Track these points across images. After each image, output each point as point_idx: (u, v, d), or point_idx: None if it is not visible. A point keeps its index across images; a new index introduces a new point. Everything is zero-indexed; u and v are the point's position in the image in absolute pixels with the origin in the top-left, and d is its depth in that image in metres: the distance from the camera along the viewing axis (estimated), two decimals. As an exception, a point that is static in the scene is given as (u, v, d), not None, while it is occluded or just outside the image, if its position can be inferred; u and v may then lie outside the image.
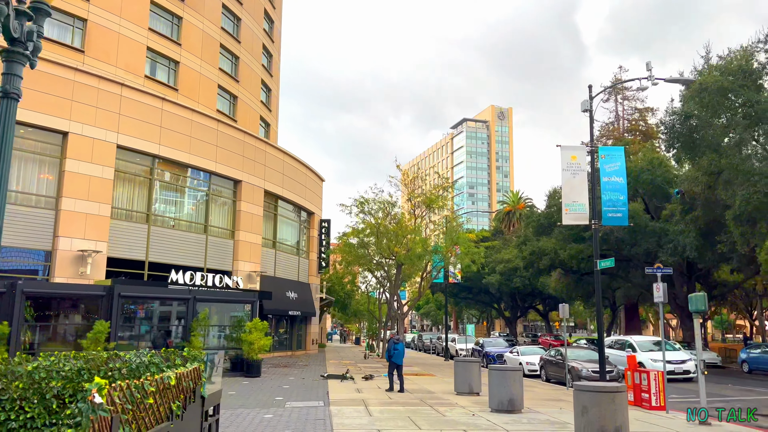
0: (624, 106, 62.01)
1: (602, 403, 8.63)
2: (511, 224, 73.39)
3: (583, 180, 17.94)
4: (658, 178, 36.04)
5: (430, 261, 30.82)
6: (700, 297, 12.19)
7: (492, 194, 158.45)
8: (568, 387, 19.69)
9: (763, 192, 24.10)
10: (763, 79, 27.49)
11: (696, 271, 36.67)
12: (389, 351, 17.77)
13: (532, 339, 63.02)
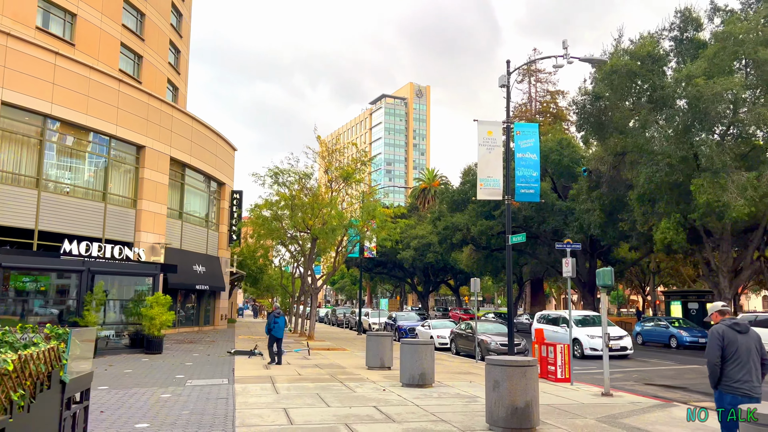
0: (537, 88, 63.84)
1: (514, 377, 8.52)
2: (426, 201, 74.34)
3: (499, 155, 17.98)
4: (566, 159, 37.30)
5: (345, 235, 30.36)
6: (607, 272, 12.45)
7: (408, 171, 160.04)
8: (477, 360, 19.99)
9: (665, 171, 25.34)
10: (668, 66, 28.82)
11: (598, 248, 38.46)
12: (269, 325, 17.82)
13: (443, 313, 64.44)
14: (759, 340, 6.40)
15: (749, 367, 6.16)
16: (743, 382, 6.11)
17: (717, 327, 6.43)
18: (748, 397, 6.08)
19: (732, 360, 6.19)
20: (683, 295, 37.42)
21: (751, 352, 6.23)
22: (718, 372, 6.24)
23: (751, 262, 28.67)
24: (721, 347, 6.25)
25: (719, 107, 24.86)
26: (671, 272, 57.89)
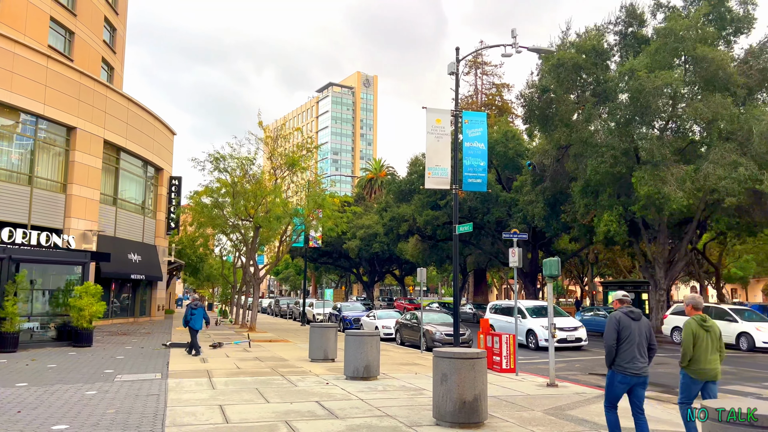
0: (483, 80, 64.31)
1: (462, 370, 8.21)
2: (373, 191, 74.06)
3: (447, 144, 17.72)
4: (511, 151, 37.67)
5: (290, 224, 29.61)
6: (554, 262, 12.36)
7: (355, 161, 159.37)
8: (422, 350, 19.79)
9: (609, 162, 25.79)
10: (612, 60, 29.35)
11: (540, 239, 39.10)
12: (186, 316, 17.38)
13: (388, 303, 64.47)
14: (649, 327, 7.16)
15: (640, 350, 6.95)
16: (632, 364, 6.88)
17: (615, 314, 7.17)
18: (636, 376, 6.92)
19: (625, 343, 6.93)
20: (620, 285, 38.45)
21: (641, 338, 6.99)
22: (614, 353, 6.98)
23: (685, 254, 29.69)
24: (617, 331, 6.98)
25: (659, 101, 25.48)
26: (608, 263, 59.76)
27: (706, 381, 7.13)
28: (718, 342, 7.22)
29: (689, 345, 7.14)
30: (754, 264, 65.97)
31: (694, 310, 7.41)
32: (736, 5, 27.30)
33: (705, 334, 7.15)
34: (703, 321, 7.24)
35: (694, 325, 7.19)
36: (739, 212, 26.28)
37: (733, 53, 27.46)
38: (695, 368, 7.11)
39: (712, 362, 7.10)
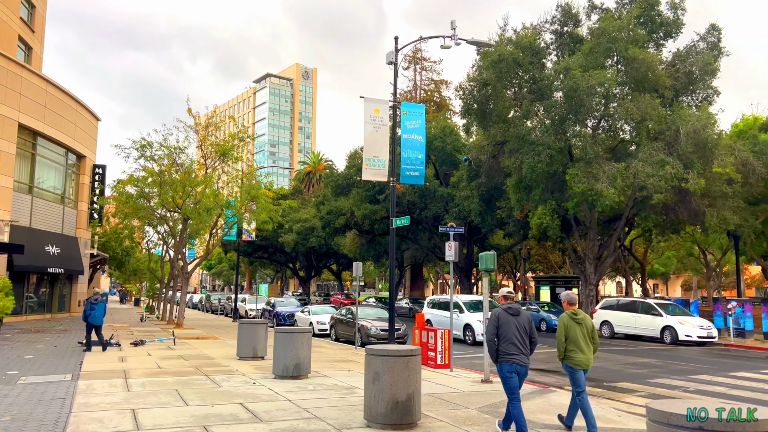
0: (422, 76, 64.40)
1: (395, 369, 7.79)
2: (311, 185, 72.96)
3: (385, 135, 17.29)
4: (449, 146, 37.75)
5: (221, 216, 28.47)
6: (490, 256, 12.15)
7: (293, 154, 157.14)
8: (357, 346, 19.36)
9: (546, 161, 26.09)
10: (548, 58, 29.73)
11: (475, 234, 39.43)
12: (86, 312, 16.64)
13: (324, 298, 63.77)
14: (529, 321, 7.66)
15: (517, 343, 7.40)
16: (515, 355, 7.35)
17: (495, 310, 7.69)
18: (520, 365, 7.38)
19: (504, 337, 7.43)
20: (551, 280, 39.35)
21: (521, 331, 7.46)
22: (495, 347, 7.48)
23: (614, 250, 30.53)
24: (496, 327, 7.51)
25: (593, 101, 25.97)
26: (540, 258, 61.28)
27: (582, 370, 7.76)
28: (590, 334, 7.86)
29: (562, 338, 7.81)
30: (675, 260, 69.27)
31: (569, 305, 8.06)
32: (666, 9, 28.18)
33: (576, 326, 7.80)
34: (575, 315, 7.87)
35: (566, 319, 7.85)
36: (665, 209, 27.18)
37: (661, 56, 28.34)
38: (573, 358, 7.75)
39: (586, 352, 7.75)
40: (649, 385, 12.65)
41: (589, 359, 7.76)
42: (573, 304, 8.08)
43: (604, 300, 27.71)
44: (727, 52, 27.93)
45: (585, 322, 7.87)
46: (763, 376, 14.04)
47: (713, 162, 25.16)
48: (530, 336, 7.56)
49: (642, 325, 24.07)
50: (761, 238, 32.50)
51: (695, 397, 11.47)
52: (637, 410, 10.03)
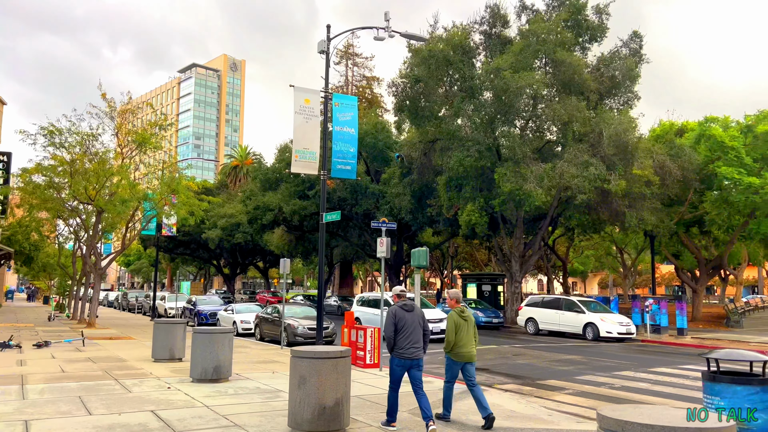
0: (354, 72, 63.90)
1: (323, 372, 7.25)
2: (238, 179, 70.92)
3: (316, 127, 16.66)
4: (381, 143, 37.47)
5: (139, 209, 26.87)
6: (422, 252, 11.82)
7: (220, 148, 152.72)
8: (283, 346, 18.64)
9: (474, 156, 26.19)
10: (477, 58, 29.92)
11: (406, 232, 39.36)
12: None
13: (250, 296, 62.09)
14: (423, 316, 8.14)
15: (414, 338, 7.87)
16: (408, 349, 7.81)
17: (392, 308, 8.08)
18: (411, 359, 7.86)
19: (401, 332, 7.84)
20: (478, 277, 39.84)
21: (415, 326, 7.92)
22: (392, 342, 7.88)
23: (538, 248, 31.17)
24: (393, 323, 7.87)
25: (522, 101, 26.32)
26: (467, 256, 62.28)
27: (464, 363, 8.39)
28: (473, 329, 8.50)
29: (452, 333, 8.30)
30: (593, 259, 72.26)
31: (456, 303, 8.59)
32: (592, 14, 28.93)
33: (464, 323, 8.35)
34: (462, 312, 8.43)
35: (455, 316, 8.36)
36: (588, 209, 27.94)
37: (587, 60, 29.10)
38: (457, 352, 8.32)
39: (470, 346, 8.36)
40: (577, 383, 12.71)
41: (473, 353, 8.42)
42: (459, 302, 8.62)
43: (529, 297, 28.20)
44: (647, 59, 29.02)
45: (470, 319, 8.48)
46: (681, 371, 14.47)
47: (633, 164, 26.04)
48: (424, 329, 8.08)
49: (565, 322, 24.60)
50: (674, 239, 34.10)
51: (634, 397, 11.57)
52: (567, 409, 9.95)
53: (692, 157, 28.02)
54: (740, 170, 27.06)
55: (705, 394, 6.63)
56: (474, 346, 8.45)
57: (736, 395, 6.32)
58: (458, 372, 8.47)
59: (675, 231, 32.08)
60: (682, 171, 27.68)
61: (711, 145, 28.72)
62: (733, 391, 6.34)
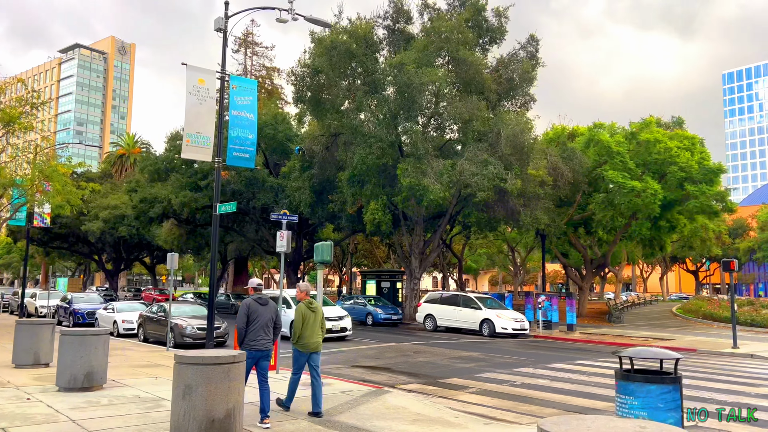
0: (253, 61, 61.70)
1: (213, 379, 6.35)
2: (124, 168, 66.35)
3: (211, 110, 15.40)
4: (281, 134, 36.18)
5: (5, 195, 23.99)
6: (326, 246, 11.11)
7: (105, 135, 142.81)
8: (169, 348, 17.18)
9: (377, 154, 25.74)
10: (380, 53, 29.55)
11: (305, 228, 38.34)
12: None
13: (135, 294, 58.18)
14: (275, 310, 8.44)
15: (264, 331, 8.18)
16: (257, 342, 8.09)
17: (246, 300, 8.34)
18: (261, 351, 8.15)
19: (253, 324, 8.13)
20: (377, 274, 39.64)
21: (267, 320, 8.26)
22: (243, 334, 8.13)
23: (437, 245, 31.39)
24: (246, 315, 8.15)
25: (424, 98, 26.24)
26: (366, 253, 62.20)
27: (311, 353, 8.62)
28: (321, 321, 8.76)
29: (299, 324, 8.51)
30: (485, 258, 74.82)
31: (305, 295, 8.87)
32: (492, 16, 29.43)
33: (311, 314, 8.62)
34: (310, 304, 8.70)
35: (303, 308, 8.61)
36: (486, 207, 28.41)
37: (487, 61, 29.59)
38: (303, 343, 8.53)
39: (316, 337, 8.62)
40: (479, 380, 12.53)
41: (319, 343, 8.68)
42: (309, 295, 8.93)
43: (428, 294, 28.26)
44: (543, 63, 29.98)
45: (318, 311, 8.78)
46: (577, 367, 14.78)
47: (529, 164, 26.76)
48: (275, 323, 8.43)
49: (463, 318, 24.81)
50: (563, 238, 35.69)
51: (537, 395, 11.48)
52: (473, 409, 9.64)
53: (582, 160, 29.29)
54: (624, 174, 28.66)
55: (618, 393, 6.44)
56: (320, 337, 8.72)
57: (650, 394, 6.18)
58: (305, 363, 8.64)
59: (564, 231, 33.54)
60: (573, 173, 28.85)
61: (599, 149, 30.23)
62: (647, 390, 6.19)
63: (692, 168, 29.22)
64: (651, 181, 28.76)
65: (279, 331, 8.58)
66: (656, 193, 28.20)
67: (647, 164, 30.37)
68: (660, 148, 29.80)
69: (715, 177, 30.24)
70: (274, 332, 8.43)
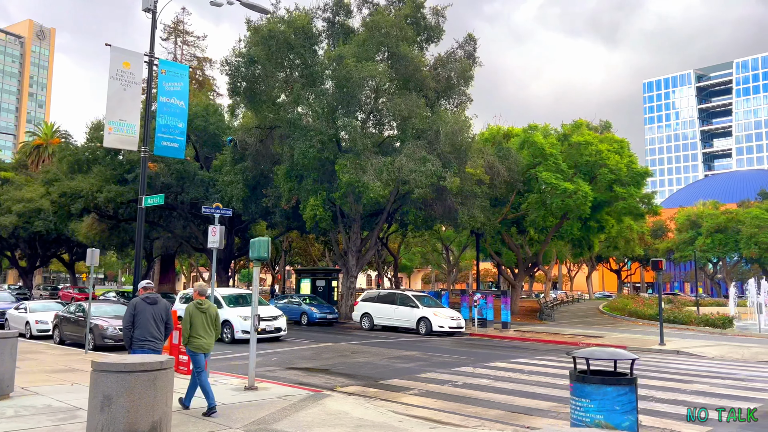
0: (183, 51, 59.30)
1: (137, 389, 5.64)
2: (41, 160, 62.30)
3: (137, 96, 14.38)
4: (212, 126, 34.84)
5: None
6: (263, 242, 10.45)
7: (21, 124, 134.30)
8: (88, 350, 15.96)
9: (317, 148, 25.04)
10: (319, 46, 28.87)
11: (237, 224, 37.09)
12: None
13: (51, 292, 54.72)
14: (166, 309, 8.43)
15: (152, 330, 8.15)
16: (146, 341, 8.08)
17: (133, 300, 8.38)
18: (151, 351, 8.06)
19: (140, 325, 8.11)
20: (312, 273, 38.89)
21: (156, 319, 8.22)
22: (130, 334, 8.12)
23: (375, 243, 31.04)
24: (132, 315, 8.14)
25: (364, 93, 25.80)
26: (300, 251, 61.20)
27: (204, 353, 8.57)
28: (213, 322, 8.73)
29: (187, 326, 8.51)
30: (419, 256, 75.36)
31: (199, 295, 8.82)
32: (430, 15, 29.30)
33: (201, 315, 8.59)
34: (200, 304, 8.65)
35: (191, 308, 8.58)
36: (424, 205, 28.31)
37: (425, 59, 29.47)
38: (193, 343, 8.51)
39: (207, 337, 8.60)
40: (420, 381, 12.20)
41: (210, 344, 8.65)
42: (202, 295, 8.84)
43: (365, 292, 27.86)
44: (480, 62, 30.14)
45: (209, 311, 8.71)
46: (515, 365, 14.73)
47: (467, 163, 26.83)
48: (166, 323, 8.38)
49: (400, 317, 24.55)
50: (497, 237, 36.18)
51: (479, 395, 11.23)
52: (417, 412, 9.26)
53: (518, 160, 29.70)
54: (558, 176, 29.28)
55: (573, 396, 6.20)
56: (211, 338, 8.70)
57: (606, 396, 5.96)
58: (203, 361, 8.58)
59: (499, 230, 33.97)
60: (509, 172, 29.20)
61: (533, 150, 30.75)
62: (603, 392, 5.97)
63: (621, 170, 30.20)
64: (582, 183, 29.52)
65: (170, 331, 8.59)
66: (587, 195, 28.97)
67: (578, 166, 31.15)
68: (591, 150, 30.64)
69: (642, 180, 31.43)
70: (165, 332, 8.42)
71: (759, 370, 14.64)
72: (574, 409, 6.16)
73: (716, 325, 26.57)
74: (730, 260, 65.79)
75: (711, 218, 60.18)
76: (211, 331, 8.70)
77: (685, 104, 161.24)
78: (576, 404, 6.14)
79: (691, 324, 27.67)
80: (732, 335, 24.27)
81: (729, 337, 23.36)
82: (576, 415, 6.12)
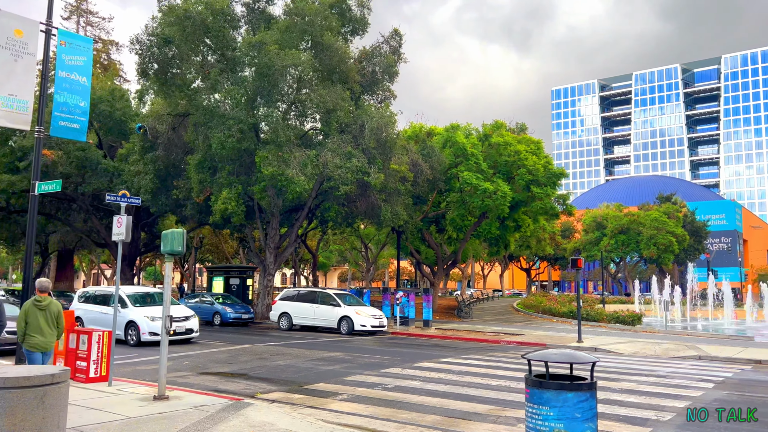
0: (87, 32, 55.34)
1: (20, 409, 4.54)
2: None
3: (31, 68, 12.67)
4: (118, 112, 32.41)
5: None
6: (177, 234, 9.35)
7: None
8: (-33, 357, 14.03)
9: (236, 137, 23.65)
10: (239, 31, 27.47)
11: (144, 218, 34.78)
12: None
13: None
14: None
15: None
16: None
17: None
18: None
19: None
20: (226, 270, 37.07)
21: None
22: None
23: (294, 240, 29.96)
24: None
25: (286, 82, 24.74)
26: (212, 248, 58.68)
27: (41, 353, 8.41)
28: (54, 320, 8.53)
29: (22, 322, 8.31)
30: (336, 254, 74.59)
31: (40, 292, 8.54)
32: (355, 6, 28.61)
33: (38, 312, 8.38)
34: (38, 301, 8.41)
35: (28, 305, 8.40)
36: (347, 201, 27.60)
37: (350, 51, 28.74)
38: (31, 343, 8.31)
39: (46, 336, 8.42)
40: (348, 384, 11.47)
41: (49, 343, 8.46)
42: (43, 292, 8.55)
43: (284, 291, 26.77)
44: (406, 59, 29.84)
45: (50, 308, 8.49)
46: (443, 365, 14.32)
47: (392, 159, 26.39)
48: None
49: (320, 316, 23.71)
50: (417, 235, 36.06)
51: (412, 399, 10.63)
52: (349, 420, 8.54)
53: (441, 159, 29.63)
54: (478, 176, 29.47)
55: (530, 402, 5.70)
56: (52, 336, 8.52)
57: (566, 403, 5.51)
58: (40, 360, 8.38)
59: (420, 227, 33.85)
60: (432, 171, 29.06)
61: (455, 150, 30.81)
62: (563, 399, 5.51)
63: (538, 171, 30.84)
64: (502, 183, 29.88)
65: (61, 332, 8.60)
66: (506, 195, 29.35)
67: (498, 166, 31.54)
68: (510, 150, 31.11)
69: (558, 180, 32.27)
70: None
71: (676, 367, 15.05)
72: (531, 417, 5.67)
73: (626, 323, 27.64)
74: (631, 260, 69.70)
75: (615, 220, 63.42)
76: (53, 330, 8.49)
77: (589, 112, 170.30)
78: (533, 412, 5.65)
79: (602, 321, 28.65)
80: (641, 332, 25.26)
81: (639, 334, 24.28)
82: (533, 424, 5.63)
